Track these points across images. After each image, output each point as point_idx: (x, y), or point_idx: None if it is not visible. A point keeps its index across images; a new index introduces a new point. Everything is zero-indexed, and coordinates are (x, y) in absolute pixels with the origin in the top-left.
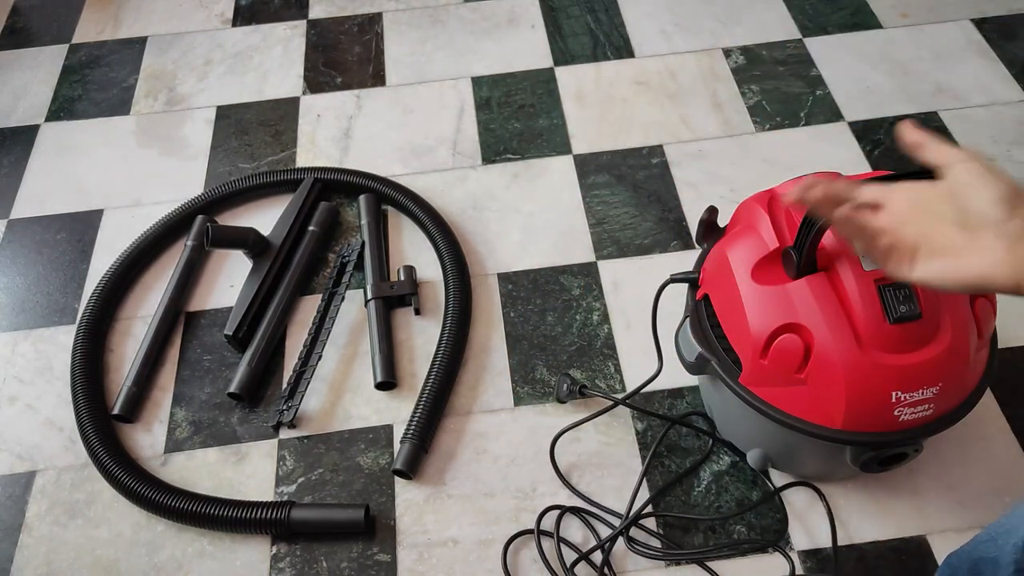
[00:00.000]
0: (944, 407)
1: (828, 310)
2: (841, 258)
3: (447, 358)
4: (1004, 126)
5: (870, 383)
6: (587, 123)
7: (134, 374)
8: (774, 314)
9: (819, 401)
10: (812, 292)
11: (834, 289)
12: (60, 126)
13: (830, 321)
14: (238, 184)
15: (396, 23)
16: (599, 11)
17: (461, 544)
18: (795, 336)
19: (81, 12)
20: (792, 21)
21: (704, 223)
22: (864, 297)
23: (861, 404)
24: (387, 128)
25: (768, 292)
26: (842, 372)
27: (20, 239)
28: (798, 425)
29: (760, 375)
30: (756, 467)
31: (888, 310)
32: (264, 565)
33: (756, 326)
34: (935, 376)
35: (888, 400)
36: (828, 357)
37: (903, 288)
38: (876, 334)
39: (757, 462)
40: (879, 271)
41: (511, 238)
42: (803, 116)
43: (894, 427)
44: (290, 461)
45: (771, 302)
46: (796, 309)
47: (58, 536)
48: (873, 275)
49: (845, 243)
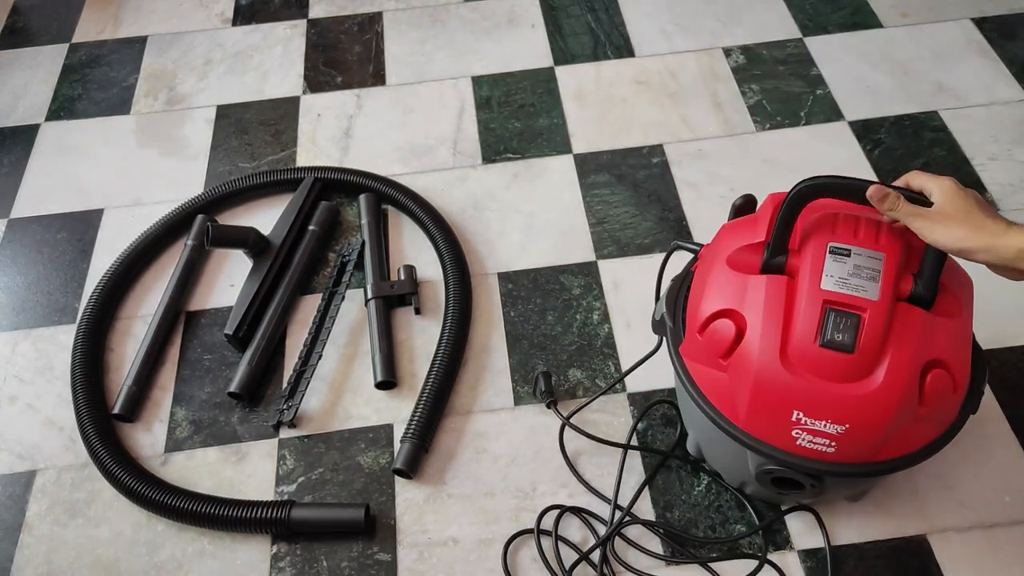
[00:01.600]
0: (847, 454)
1: (770, 311)
2: (808, 271)
3: (447, 358)
4: (1004, 125)
5: (777, 391)
6: (587, 123)
7: (134, 373)
8: (725, 297)
9: (732, 392)
10: (765, 290)
11: (786, 295)
12: (60, 125)
13: (767, 321)
14: (238, 184)
15: (396, 22)
16: (599, 10)
17: (461, 543)
18: (731, 323)
19: (81, 12)
20: (792, 20)
21: (736, 208)
22: (807, 313)
23: (763, 410)
24: (387, 128)
25: (732, 276)
26: (755, 369)
27: (20, 238)
28: (705, 407)
29: (694, 349)
30: (693, 454)
31: (823, 332)
32: (264, 564)
33: (706, 301)
34: (843, 415)
35: (788, 417)
36: (750, 352)
37: (849, 319)
38: (802, 350)
39: (693, 448)
40: (835, 295)
41: (511, 238)
42: (803, 116)
43: (790, 448)
44: (290, 460)
45: (728, 285)
46: (744, 299)
47: (58, 535)
48: (827, 295)
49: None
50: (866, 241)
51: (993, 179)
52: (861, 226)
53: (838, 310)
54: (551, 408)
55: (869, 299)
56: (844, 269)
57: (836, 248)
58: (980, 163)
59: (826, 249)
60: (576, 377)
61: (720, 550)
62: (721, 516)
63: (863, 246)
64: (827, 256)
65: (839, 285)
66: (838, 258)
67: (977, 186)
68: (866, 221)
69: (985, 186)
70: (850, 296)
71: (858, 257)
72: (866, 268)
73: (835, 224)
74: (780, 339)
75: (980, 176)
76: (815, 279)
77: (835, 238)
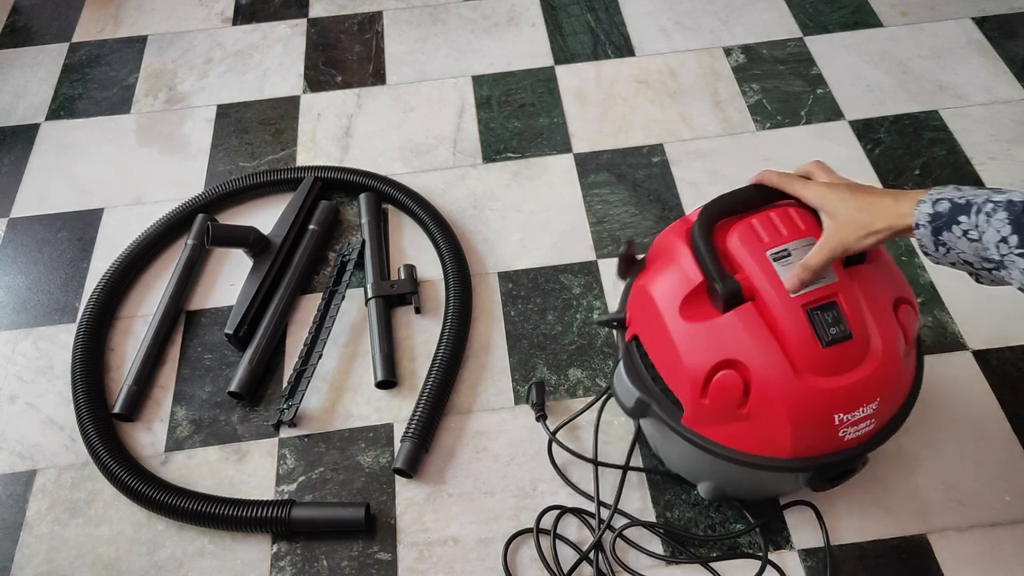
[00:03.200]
0: (884, 418)
1: (761, 342)
2: (766, 287)
3: (447, 357)
4: (1004, 124)
5: (812, 409)
6: (587, 122)
7: (135, 373)
8: (708, 351)
9: (765, 433)
10: (743, 325)
11: (764, 319)
12: (60, 125)
13: (765, 353)
14: (238, 183)
15: (396, 22)
16: (599, 10)
17: (461, 543)
18: (732, 372)
19: (81, 11)
20: (793, 20)
21: (623, 257)
22: (795, 324)
23: (806, 431)
24: (387, 127)
25: (699, 329)
26: (784, 403)
27: (21, 238)
28: (748, 460)
29: (703, 414)
30: (709, 498)
31: (820, 334)
32: (265, 564)
33: (692, 365)
34: (873, 392)
35: (832, 423)
36: (768, 390)
37: (831, 310)
38: (811, 360)
39: (709, 493)
40: (805, 296)
41: (511, 237)
42: (804, 115)
43: (840, 447)
44: (291, 460)
45: (703, 339)
46: (729, 344)
47: (59, 535)
48: (800, 300)
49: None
50: (793, 233)
51: (993, 178)
52: (779, 222)
53: (817, 307)
54: (540, 422)
55: (831, 283)
56: None
57: (775, 254)
58: (980, 162)
59: (768, 259)
60: (576, 377)
61: (720, 548)
62: (721, 516)
63: (794, 239)
64: (773, 265)
65: None
66: (783, 261)
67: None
68: (779, 216)
69: (985, 185)
70: (818, 290)
71: (797, 251)
72: None
73: (755, 232)
74: (787, 361)
75: (980, 175)
76: (780, 290)
77: (767, 245)
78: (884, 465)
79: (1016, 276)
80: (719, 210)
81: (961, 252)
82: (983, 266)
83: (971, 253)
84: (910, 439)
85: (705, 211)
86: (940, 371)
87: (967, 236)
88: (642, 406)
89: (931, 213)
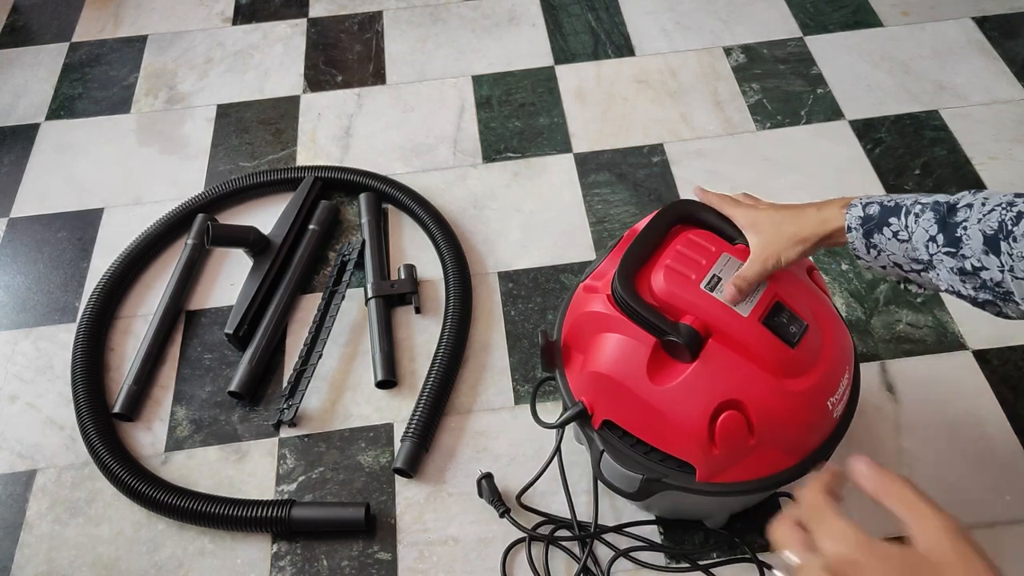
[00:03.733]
0: (851, 381)
1: (742, 371)
2: (719, 318)
3: (447, 357)
4: (1005, 124)
5: (812, 409)
6: (588, 121)
7: (135, 372)
8: (698, 403)
9: (778, 451)
10: (717, 363)
11: (731, 349)
12: (60, 124)
13: (750, 380)
14: (238, 183)
15: (396, 21)
16: (599, 9)
17: (461, 543)
18: (731, 412)
19: (81, 11)
20: (793, 19)
21: (544, 349)
22: (761, 340)
23: (811, 430)
24: (387, 126)
25: (677, 387)
26: (788, 418)
27: (21, 237)
28: (768, 484)
29: (716, 464)
30: (718, 527)
31: (785, 338)
32: (265, 563)
33: (690, 423)
34: (842, 361)
35: (826, 409)
36: (769, 412)
37: (782, 312)
38: (790, 365)
39: (718, 524)
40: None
41: (511, 237)
42: (804, 114)
43: (834, 424)
44: (291, 459)
45: (687, 394)
46: (714, 387)
47: (59, 534)
48: (754, 317)
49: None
50: (710, 258)
51: (993, 178)
52: (691, 253)
53: (770, 315)
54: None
55: (766, 287)
56: None
57: (708, 283)
58: (980, 162)
59: (704, 291)
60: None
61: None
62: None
63: (714, 261)
64: (714, 295)
65: (749, 301)
66: (719, 288)
67: (977, 185)
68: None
69: (986, 185)
70: (761, 299)
71: (725, 272)
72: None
73: (677, 272)
74: (771, 377)
75: (980, 175)
76: (734, 316)
77: (696, 280)
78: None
79: (944, 276)
80: (631, 268)
81: (891, 254)
82: (912, 267)
83: (901, 254)
84: (910, 439)
85: (622, 275)
86: (940, 371)
87: (897, 237)
88: (650, 485)
89: (862, 216)
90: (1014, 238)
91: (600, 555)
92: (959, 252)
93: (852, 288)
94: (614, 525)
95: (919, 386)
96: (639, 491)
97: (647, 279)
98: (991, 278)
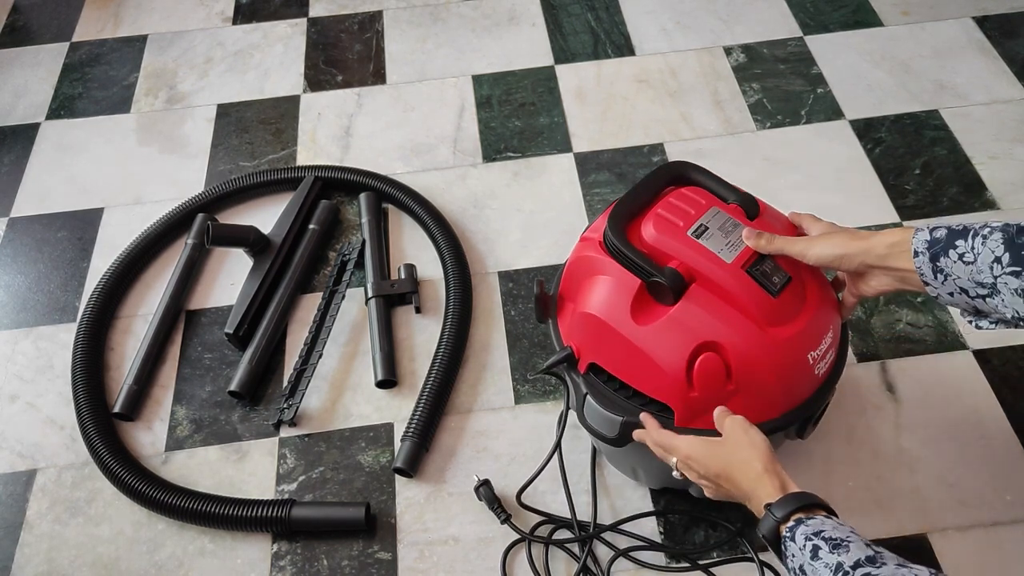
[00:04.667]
0: (836, 342)
1: (722, 315)
2: (703, 263)
3: (448, 356)
4: (1005, 124)
5: (790, 359)
6: (588, 121)
7: (135, 372)
8: (679, 344)
9: (755, 400)
10: (699, 306)
11: (714, 294)
12: (60, 124)
13: (730, 324)
14: (239, 182)
15: (397, 21)
16: (599, 9)
17: (462, 542)
18: (710, 354)
19: (81, 10)
20: (793, 19)
21: (539, 298)
22: (743, 287)
23: (791, 382)
24: (388, 126)
25: (659, 327)
26: (766, 364)
27: (21, 237)
28: None
29: (694, 407)
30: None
31: (767, 287)
32: (265, 563)
33: (669, 363)
34: (826, 320)
35: (807, 363)
36: (748, 357)
37: (766, 262)
38: (771, 313)
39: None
40: (740, 258)
41: (512, 236)
42: (804, 114)
43: (819, 381)
44: (291, 459)
45: (668, 334)
46: (695, 329)
47: (59, 534)
48: (738, 263)
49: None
50: (699, 209)
51: (994, 178)
52: (682, 204)
53: (754, 264)
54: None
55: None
56: (720, 237)
57: (695, 231)
58: (981, 162)
59: (691, 238)
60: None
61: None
62: (722, 515)
63: (703, 212)
64: (700, 241)
65: (732, 249)
66: (705, 236)
67: (978, 185)
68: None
69: (986, 185)
70: (746, 248)
71: (712, 223)
72: (728, 221)
73: (667, 220)
74: (753, 324)
75: (981, 175)
76: (718, 262)
77: (683, 227)
78: (884, 464)
79: (1008, 299)
80: (624, 214)
81: (957, 278)
82: (977, 292)
83: (966, 278)
84: (910, 439)
85: (613, 219)
86: (940, 370)
87: (963, 259)
88: (629, 428)
89: (928, 240)
90: None
91: (600, 555)
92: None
93: None
94: (612, 522)
95: (919, 386)
96: (619, 435)
97: (638, 227)
98: None
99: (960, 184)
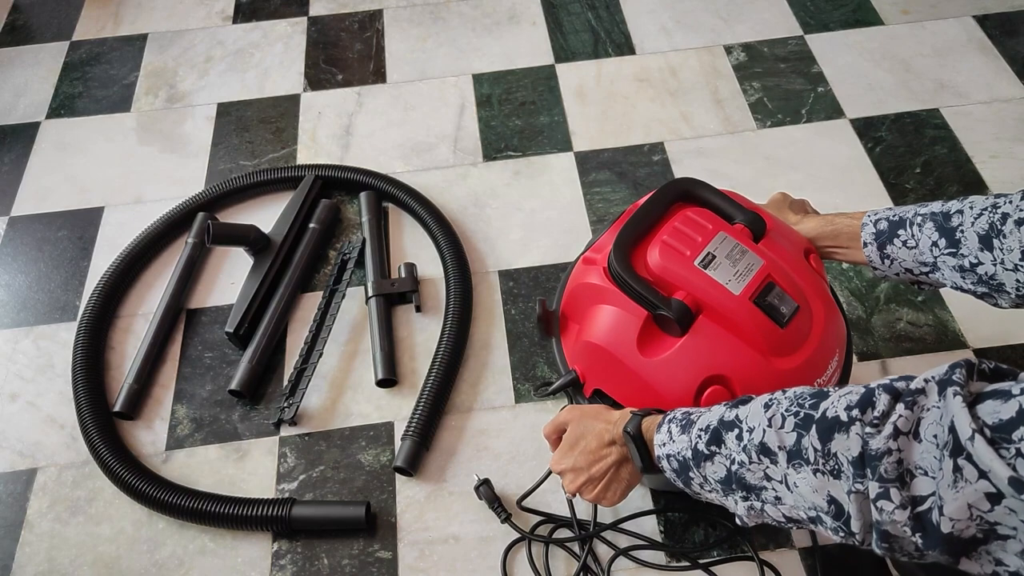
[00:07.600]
0: (841, 364)
1: (729, 348)
2: (710, 295)
3: (448, 355)
4: (1006, 123)
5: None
6: (588, 120)
7: (135, 371)
8: (686, 377)
9: None
10: (705, 339)
11: (721, 326)
12: (61, 123)
13: (738, 356)
14: (239, 181)
15: (397, 20)
16: (600, 8)
17: (462, 541)
18: (717, 387)
19: (81, 9)
20: (794, 18)
21: (541, 317)
22: (751, 318)
23: None
24: (388, 125)
25: (666, 360)
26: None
27: (21, 236)
28: None
29: None
30: None
31: (775, 318)
32: (265, 562)
33: (676, 397)
34: (832, 344)
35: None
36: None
37: (772, 291)
38: (778, 344)
39: None
40: (747, 289)
41: (512, 235)
42: (804, 113)
43: None
44: (291, 458)
45: (675, 368)
46: (702, 362)
47: (59, 533)
48: (745, 295)
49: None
50: (706, 235)
51: (994, 176)
52: (688, 230)
53: (761, 294)
54: (507, 523)
55: (760, 266)
56: (728, 266)
57: (702, 261)
58: (981, 161)
59: (698, 268)
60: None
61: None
62: (723, 514)
63: (711, 238)
64: (707, 272)
65: (741, 279)
66: (713, 265)
67: (978, 184)
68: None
69: (987, 184)
70: (754, 278)
71: (719, 249)
72: (735, 248)
73: (673, 248)
74: (760, 356)
75: (981, 174)
76: (725, 294)
77: (690, 256)
78: None
79: (947, 274)
80: (627, 241)
81: (903, 261)
82: (920, 270)
83: (910, 260)
84: None
85: (617, 249)
86: None
87: (906, 245)
88: None
89: (874, 232)
90: (1003, 235)
91: (600, 554)
92: (959, 252)
93: (853, 287)
94: (612, 521)
95: None
96: None
97: (643, 254)
98: (986, 272)
99: (960, 183)
